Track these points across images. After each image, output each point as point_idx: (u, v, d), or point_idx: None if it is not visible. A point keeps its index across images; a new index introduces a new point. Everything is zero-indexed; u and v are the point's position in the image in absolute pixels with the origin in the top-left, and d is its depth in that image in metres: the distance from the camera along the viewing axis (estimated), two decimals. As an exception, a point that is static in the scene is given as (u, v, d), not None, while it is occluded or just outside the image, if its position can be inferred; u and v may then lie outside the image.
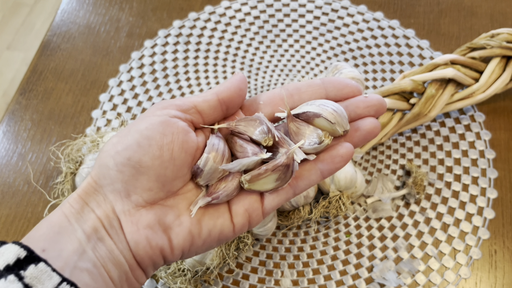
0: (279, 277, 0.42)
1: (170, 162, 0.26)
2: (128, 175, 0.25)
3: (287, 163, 0.27)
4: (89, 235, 0.25)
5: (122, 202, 0.25)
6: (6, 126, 0.51)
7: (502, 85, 0.47)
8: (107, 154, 0.26)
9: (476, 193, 0.45)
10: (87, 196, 0.26)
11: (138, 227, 0.25)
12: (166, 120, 0.26)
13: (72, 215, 0.25)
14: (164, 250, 0.26)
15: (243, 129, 0.28)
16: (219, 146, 0.27)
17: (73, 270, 0.23)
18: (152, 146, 0.25)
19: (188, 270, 0.39)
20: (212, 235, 0.27)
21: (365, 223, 0.44)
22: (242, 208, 0.28)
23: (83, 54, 0.55)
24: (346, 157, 0.28)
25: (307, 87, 0.29)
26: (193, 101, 0.28)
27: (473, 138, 0.48)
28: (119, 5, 0.59)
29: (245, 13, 0.58)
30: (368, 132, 0.28)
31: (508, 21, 0.56)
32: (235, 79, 0.28)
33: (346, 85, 0.29)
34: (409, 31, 0.55)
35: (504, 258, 0.42)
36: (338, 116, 0.27)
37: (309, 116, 0.28)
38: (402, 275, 0.41)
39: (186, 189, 0.28)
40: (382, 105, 0.29)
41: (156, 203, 0.26)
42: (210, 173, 0.27)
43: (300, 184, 0.28)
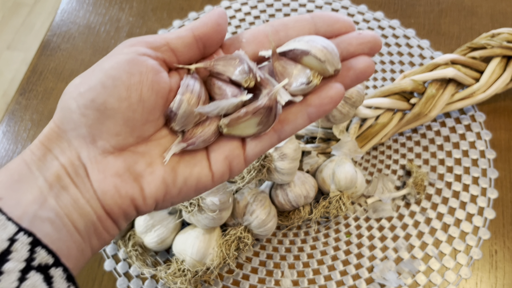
0: (279, 277, 0.42)
1: (138, 105, 0.23)
2: (93, 118, 0.23)
3: (270, 105, 0.24)
4: (52, 183, 0.23)
5: (87, 149, 0.23)
6: (6, 126, 0.50)
7: (502, 85, 0.47)
8: (69, 96, 0.23)
9: (477, 193, 0.45)
10: (49, 142, 0.24)
11: (105, 175, 0.23)
12: (134, 58, 0.24)
13: (33, 162, 0.23)
14: (135, 200, 0.24)
15: (221, 69, 0.25)
16: (195, 87, 0.25)
17: (33, 219, 0.21)
18: (118, 87, 0.23)
19: (188, 270, 0.39)
20: (189, 184, 0.25)
21: (366, 223, 0.44)
22: (222, 155, 0.25)
23: (83, 54, 0.55)
24: (336, 99, 0.25)
25: (295, 23, 0.26)
26: (166, 37, 0.25)
27: (473, 138, 0.48)
28: (119, 5, 0.59)
29: (245, 13, 0.58)
30: (361, 71, 0.26)
31: (508, 21, 0.56)
32: (213, 13, 0.25)
33: (337, 20, 0.26)
34: (410, 31, 0.55)
35: (505, 258, 0.42)
36: (328, 54, 0.24)
37: (296, 54, 0.25)
38: (403, 275, 0.41)
39: (160, 135, 0.25)
40: (377, 42, 0.26)
41: (125, 150, 0.24)
42: (185, 116, 0.25)
43: (285, 128, 0.26)
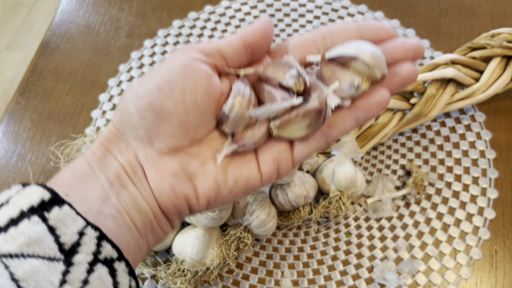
0: (279, 277, 0.42)
1: (193, 108, 0.25)
2: (150, 120, 0.24)
3: (320, 107, 0.25)
4: (112, 182, 0.24)
5: (145, 149, 0.25)
6: (6, 126, 0.50)
7: (502, 85, 0.47)
8: (128, 99, 0.25)
9: (477, 193, 0.45)
10: (109, 143, 0.25)
11: (162, 175, 0.25)
12: (188, 64, 0.25)
13: (94, 162, 0.24)
14: (189, 199, 0.25)
15: (271, 74, 0.26)
16: (245, 91, 0.26)
17: (97, 215, 0.23)
18: (174, 91, 0.24)
19: (188, 270, 0.39)
20: (239, 184, 0.26)
21: (366, 223, 0.44)
22: (271, 156, 0.26)
23: (83, 54, 0.55)
24: (383, 104, 0.26)
25: (341, 31, 0.27)
26: (217, 44, 0.26)
27: (473, 138, 0.48)
28: (119, 5, 0.59)
29: (245, 13, 0.58)
30: (406, 77, 0.27)
31: (508, 21, 0.56)
32: (260, 22, 0.26)
33: (381, 28, 0.27)
34: (410, 30, 0.55)
35: (505, 258, 0.42)
36: (376, 59, 0.25)
37: (344, 59, 0.26)
38: (403, 275, 0.41)
39: (211, 137, 0.27)
40: (420, 49, 0.27)
41: (180, 151, 0.25)
42: (236, 119, 0.26)
43: (333, 131, 0.27)
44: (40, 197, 0.22)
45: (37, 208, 0.21)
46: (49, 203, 0.22)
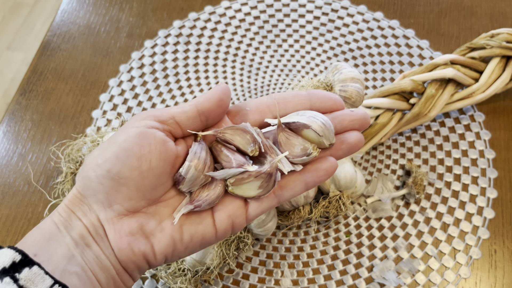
0: (279, 277, 0.42)
1: (148, 172, 0.26)
2: (109, 186, 0.26)
3: (270, 171, 0.27)
4: (77, 241, 0.26)
5: (105, 212, 0.27)
6: (6, 126, 0.51)
7: (502, 85, 0.47)
8: (89, 167, 0.27)
9: (476, 193, 0.45)
10: (73, 205, 0.27)
11: (120, 235, 0.26)
12: (144, 131, 0.27)
13: (61, 222, 0.26)
14: (147, 255, 0.27)
15: (229, 137, 0.28)
16: (201, 154, 0.28)
17: (63, 273, 0.24)
18: (130, 158, 0.26)
19: (188, 270, 0.39)
20: (194, 240, 0.28)
21: (365, 223, 0.44)
22: (226, 213, 0.28)
23: (83, 54, 0.55)
24: (330, 171, 0.29)
25: (293, 97, 0.30)
26: (171, 112, 0.28)
27: (473, 138, 0.48)
28: (119, 5, 0.59)
29: (245, 13, 0.58)
30: (352, 145, 0.29)
31: (508, 21, 0.56)
32: (216, 90, 0.28)
33: (329, 99, 0.30)
34: (409, 31, 0.56)
35: (504, 257, 0.42)
36: (326, 130, 0.28)
37: (298, 126, 0.28)
38: (402, 274, 0.41)
39: (168, 196, 0.28)
40: (367, 120, 0.30)
41: (138, 211, 0.27)
42: (192, 180, 0.28)
43: (284, 193, 0.29)
44: (11, 259, 0.24)
45: (8, 269, 0.23)
46: (19, 264, 0.24)
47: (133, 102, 0.52)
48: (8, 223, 0.45)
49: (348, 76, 0.41)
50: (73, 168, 0.43)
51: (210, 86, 0.53)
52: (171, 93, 0.53)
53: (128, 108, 0.52)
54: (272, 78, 0.53)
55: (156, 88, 0.53)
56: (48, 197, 0.46)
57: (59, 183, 0.45)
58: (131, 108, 0.52)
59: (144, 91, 0.53)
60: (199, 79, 0.54)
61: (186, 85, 0.53)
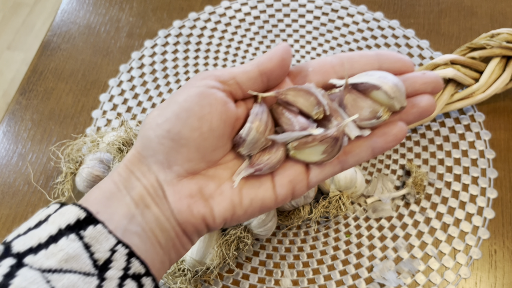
0: (279, 277, 0.42)
1: (209, 133, 0.26)
2: (169, 147, 0.26)
3: (337, 136, 0.25)
4: (137, 202, 0.25)
5: (164, 173, 0.26)
6: (6, 126, 0.51)
7: (502, 85, 0.47)
8: (148, 126, 0.26)
9: (476, 193, 0.45)
10: (132, 165, 0.26)
11: (180, 196, 0.26)
12: (204, 91, 0.26)
13: (120, 182, 0.26)
14: (206, 218, 0.26)
15: (292, 98, 0.27)
16: (263, 116, 0.27)
17: (124, 232, 0.24)
18: (190, 118, 0.25)
19: (188, 270, 0.39)
20: (254, 205, 0.27)
21: (365, 223, 0.44)
22: (286, 179, 0.27)
23: (83, 54, 0.55)
24: (399, 137, 0.27)
25: (360, 57, 0.28)
26: (232, 72, 0.27)
27: (473, 138, 0.48)
28: (119, 5, 0.59)
29: (245, 13, 0.58)
30: (424, 109, 0.27)
31: (508, 21, 0.56)
32: (278, 49, 0.27)
33: (399, 59, 0.28)
34: (409, 31, 0.56)
35: (504, 258, 0.42)
36: (397, 91, 0.26)
37: (366, 87, 0.26)
38: (402, 275, 0.41)
39: (227, 159, 0.28)
40: (439, 83, 0.28)
41: (197, 173, 0.27)
42: (253, 143, 0.26)
43: (349, 159, 0.28)
44: (77, 216, 0.24)
45: (73, 226, 0.23)
46: (84, 222, 0.24)
47: (133, 102, 0.52)
48: (8, 223, 0.45)
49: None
50: (73, 168, 0.43)
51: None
52: (171, 93, 0.53)
53: (128, 108, 0.52)
54: (272, 78, 0.53)
55: (156, 88, 0.53)
56: (48, 197, 0.46)
57: (59, 183, 0.45)
58: (131, 108, 0.52)
59: (144, 91, 0.53)
60: (199, 79, 0.54)
61: (186, 85, 0.53)
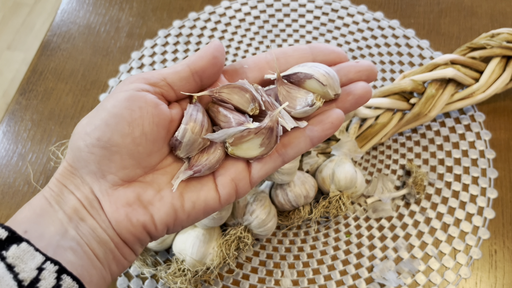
0: (279, 277, 0.42)
1: (141, 138, 0.25)
2: (100, 155, 0.24)
3: (271, 126, 0.25)
4: (70, 216, 0.24)
5: (99, 183, 0.25)
6: (6, 126, 0.51)
7: (502, 85, 0.47)
8: (78, 136, 0.25)
9: (476, 193, 0.45)
10: (64, 179, 0.25)
11: (117, 206, 0.25)
12: (133, 95, 0.25)
13: (52, 197, 0.25)
14: (147, 226, 0.25)
15: (226, 96, 0.26)
16: (197, 116, 0.26)
17: (56, 249, 0.23)
18: (120, 124, 0.24)
19: (188, 270, 0.39)
20: (197, 207, 0.26)
21: (365, 223, 0.44)
22: (228, 177, 0.27)
23: (83, 54, 0.55)
24: (336, 123, 0.27)
25: (294, 51, 0.28)
26: (162, 73, 0.26)
27: (473, 138, 0.48)
28: (119, 5, 0.59)
29: (245, 13, 0.58)
30: (360, 96, 0.27)
31: (508, 21, 0.56)
32: (209, 47, 0.26)
33: (332, 51, 0.28)
34: (409, 31, 0.55)
35: (504, 258, 0.42)
36: (330, 79, 0.26)
37: (300, 77, 0.27)
38: (402, 275, 0.41)
39: (165, 163, 0.27)
40: (373, 70, 0.28)
41: (134, 181, 0.26)
42: (190, 144, 0.26)
43: (288, 151, 0.27)
44: None
45: None
46: (6, 242, 0.22)
47: (133, 102, 0.52)
48: (8, 223, 0.45)
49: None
50: (73, 168, 0.43)
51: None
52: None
53: (128, 108, 0.52)
54: (272, 78, 0.53)
55: (156, 88, 0.53)
56: (48, 197, 0.46)
57: (59, 183, 0.45)
58: (131, 108, 0.52)
59: (144, 91, 0.53)
60: (199, 79, 0.54)
61: (186, 85, 0.53)
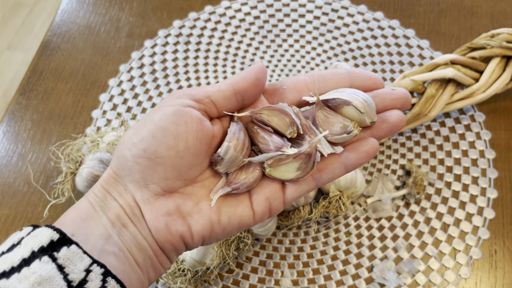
0: (279, 277, 0.42)
1: (185, 152, 0.26)
2: (145, 166, 0.26)
3: (310, 152, 0.26)
4: (113, 222, 0.26)
5: (141, 192, 0.26)
6: (6, 126, 0.51)
7: (502, 85, 0.47)
8: (124, 146, 0.26)
9: (476, 193, 0.45)
10: (108, 186, 0.27)
11: (157, 215, 0.26)
12: (180, 110, 0.26)
13: (96, 203, 0.26)
14: (184, 237, 0.26)
15: (266, 118, 0.27)
16: (240, 135, 0.27)
17: (101, 253, 0.24)
18: (166, 137, 0.26)
19: (188, 270, 0.39)
20: (232, 222, 0.27)
21: (365, 223, 0.44)
22: (263, 196, 0.28)
23: (83, 54, 0.55)
24: (371, 153, 0.28)
25: (332, 75, 0.29)
26: (207, 91, 0.27)
27: (473, 138, 0.48)
28: (119, 5, 0.59)
29: (245, 13, 0.58)
30: (394, 124, 0.28)
31: (508, 21, 0.56)
32: (252, 68, 0.28)
33: (369, 77, 0.29)
34: (409, 31, 0.55)
35: (504, 258, 0.42)
36: (367, 106, 0.27)
37: (338, 102, 0.27)
38: (402, 275, 0.41)
39: (204, 177, 0.28)
40: (408, 99, 0.29)
41: (174, 191, 0.27)
42: (231, 161, 0.27)
43: (323, 176, 0.28)
44: (50, 238, 0.24)
45: (47, 248, 0.23)
46: (57, 243, 0.23)
47: (133, 102, 0.52)
48: (8, 223, 0.45)
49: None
50: (73, 168, 0.43)
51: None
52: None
53: (128, 108, 0.52)
54: (272, 78, 0.53)
55: (156, 88, 0.53)
56: (48, 197, 0.46)
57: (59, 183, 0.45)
58: (131, 108, 0.52)
59: (144, 91, 0.53)
60: (199, 79, 0.54)
61: (186, 85, 0.53)
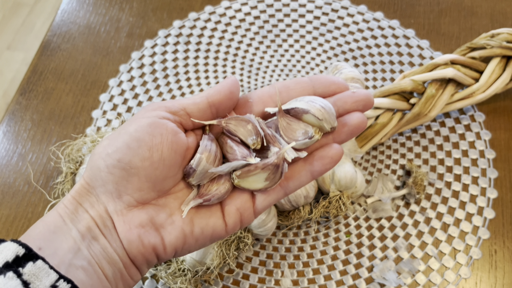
0: (279, 277, 0.42)
1: (160, 163, 0.26)
2: (119, 176, 0.26)
3: (277, 163, 0.27)
4: (84, 234, 0.25)
5: (114, 203, 0.26)
6: (6, 126, 0.51)
7: (502, 85, 0.47)
8: (98, 156, 0.26)
9: (476, 193, 0.45)
10: (80, 197, 0.26)
11: (130, 226, 0.26)
12: (155, 122, 0.26)
13: (66, 215, 0.26)
14: (156, 248, 0.26)
15: (233, 128, 0.28)
16: (212, 146, 0.28)
17: (68, 267, 0.24)
18: (141, 148, 0.26)
19: (188, 270, 0.39)
20: (205, 234, 0.27)
21: (365, 223, 0.44)
22: (234, 207, 0.28)
23: (83, 54, 0.55)
24: (335, 158, 0.28)
25: (295, 84, 0.30)
26: (183, 103, 0.28)
27: (473, 138, 0.48)
28: (119, 5, 0.59)
29: (245, 13, 0.58)
30: (355, 127, 0.29)
31: (508, 21, 0.56)
32: (226, 82, 0.29)
33: (332, 82, 0.29)
34: (409, 31, 0.55)
35: (504, 258, 0.42)
36: (326, 113, 0.27)
37: (298, 112, 0.28)
38: (402, 275, 0.41)
39: (177, 189, 0.28)
40: (370, 100, 0.29)
41: (148, 203, 0.27)
42: (203, 173, 0.27)
43: (290, 184, 0.29)
44: (15, 253, 0.23)
45: (11, 263, 0.23)
46: (23, 258, 0.23)
47: (133, 102, 0.52)
48: (8, 223, 0.45)
49: (348, 76, 0.41)
50: (73, 168, 0.43)
51: (210, 86, 0.53)
52: (171, 93, 0.53)
53: (128, 108, 0.52)
54: (272, 78, 0.53)
55: (156, 88, 0.53)
56: (48, 197, 0.46)
57: (59, 183, 0.45)
58: (131, 108, 0.52)
59: (144, 91, 0.53)
60: (199, 79, 0.54)
61: (186, 85, 0.53)
